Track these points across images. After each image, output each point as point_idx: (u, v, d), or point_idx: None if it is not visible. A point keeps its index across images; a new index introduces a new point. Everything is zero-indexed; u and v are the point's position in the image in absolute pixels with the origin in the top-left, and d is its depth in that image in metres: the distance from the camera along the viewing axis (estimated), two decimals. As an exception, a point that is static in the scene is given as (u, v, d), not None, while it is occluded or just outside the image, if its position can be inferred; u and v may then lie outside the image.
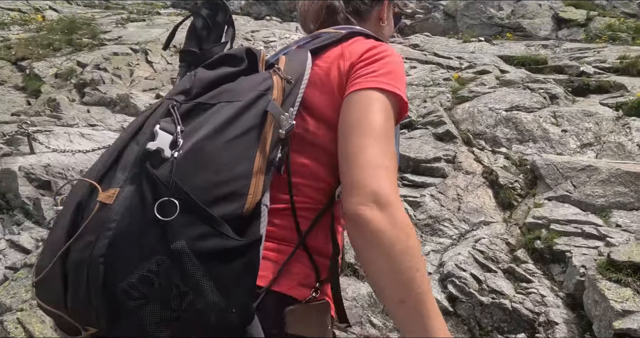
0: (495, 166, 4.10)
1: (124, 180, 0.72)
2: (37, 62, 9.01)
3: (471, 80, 6.61)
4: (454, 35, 12.82)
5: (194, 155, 0.73)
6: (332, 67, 0.94)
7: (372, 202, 0.76)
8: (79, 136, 5.11)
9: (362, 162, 0.80)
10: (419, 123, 4.99)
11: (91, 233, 0.69)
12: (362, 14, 1.13)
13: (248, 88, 0.83)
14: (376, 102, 0.86)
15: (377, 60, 0.91)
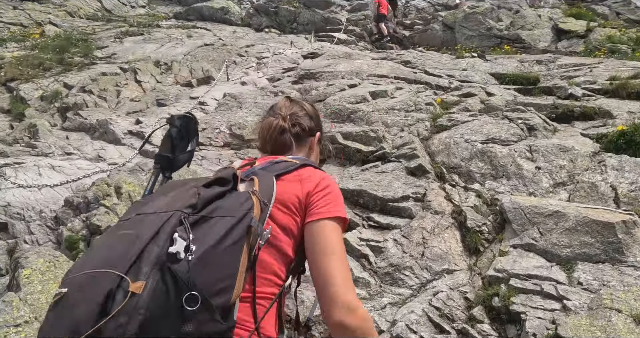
0: (465, 205, 3.95)
1: (148, 275, 0.90)
2: (24, 83, 9.01)
3: (455, 103, 6.47)
4: (447, 51, 12.68)
5: (203, 258, 0.95)
6: (293, 192, 1.23)
7: (347, 310, 1.09)
8: (49, 169, 5.04)
9: (335, 281, 1.12)
10: (392, 155, 4.85)
11: (124, 316, 0.84)
12: (300, 139, 1.49)
13: (235, 206, 1.08)
14: (334, 230, 1.20)
15: (327, 193, 1.25)
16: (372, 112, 6.51)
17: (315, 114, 1.60)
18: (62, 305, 0.89)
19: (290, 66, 11.38)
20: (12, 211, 4.09)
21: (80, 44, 13.74)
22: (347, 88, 8.12)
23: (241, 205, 1.08)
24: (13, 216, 4.02)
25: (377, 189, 4.17)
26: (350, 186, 4.27)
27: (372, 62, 10.28)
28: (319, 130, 1.57)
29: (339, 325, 1.10)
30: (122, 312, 0.85)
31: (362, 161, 5.03)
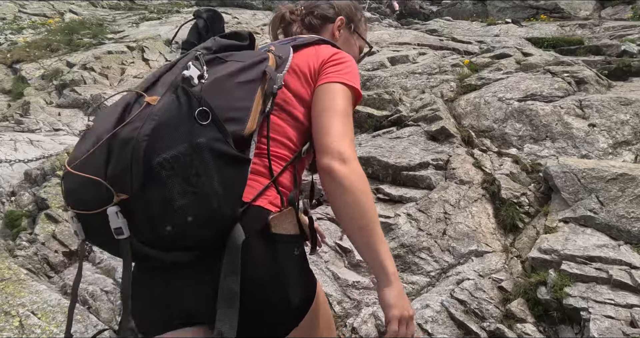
0: (499, 173, 3.16)
1: (163, 93, 0.95)
2: (27, 64, 8.66)
3: (486, 65, 5.58)
4: (478, 18, 11.61)
5: (215, 85, 0.99)
6: (308, 60, 1.21)
7: (338, 159, 1.06)
8: (26, 143, 4.55)
9: (331, 132, 1.10)
10: (410, 119, 4.08)
11: (139, 121, 0.89)
12: (314, 28, 1.43)
13: (252, 55, 1.10)
14: (340, 92, 1.17)
15: (341, 63, 1.21)
16: (389, 77, 5.71)
17: (344, 4, 1.47)
18: (89, 128, 0.98)
19: (307, 41, 10.67)
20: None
21: (93, 27, 13.40)
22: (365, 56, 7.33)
23: (258, 56, 1.09)
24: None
25: (390, 155, 3.42)
26: (358, 153, 3.54)
27: (394, 32, 9.41)
28: (344, 15, 1.45)
29: (327, 170, 1.06)
30: (137, 117, 0.89)
31: (374, 128, 4.28)
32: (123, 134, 0.88)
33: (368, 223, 1.05)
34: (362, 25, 1.54)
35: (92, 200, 0.88)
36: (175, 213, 0.87)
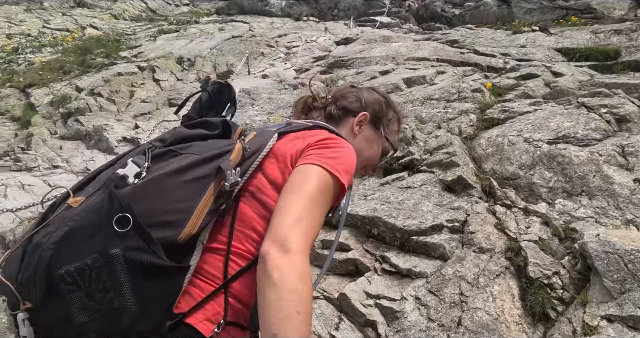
0: (525, 239, 2.69)
1: (92, 193, 0.91)
2: (38, 89, 8.58)
3: (511, 88, 5.08)
4: (503, 26, 10.96)
5: (150, 185, 0.91)
6: (291, 145, 1.07)
7: (279, 246, 0.88)
8: (17, 188, 4.32)
9: (285, 214, 0.93)
10: (423, 163, 3.63)
11: (54, 225, 0.86)
12: (334, 118, 1.30)
13: (213, 147, 1.01)
14: (315, 175, 0.99)
15: (329, 147, 1.05)
16: (404, 103, 5.27)
17: (373, 100, 1.33)
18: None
19: (321, 54, 10.27)
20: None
21: (109, 44, 13.40)
22: (379, 75, 6.89)
23: (219, 148, 1.00)
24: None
25: (398, 215, 2.99)
26: (361, 210, 3.13)
27: (412, 44, 8.92)
28: (369, 112, 1.31)
29: (262, 256, 0.89)
30: (53, 221, 0.87)
31: (384, 170, 3.86)
32: (36, 239, 0.86)
33: (286, 333, 0.81)
34: (391, 125, 1.36)
35: (9, 300, 0.86)
36: (76, 330, 0.81)
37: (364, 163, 1.30)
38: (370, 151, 1.30)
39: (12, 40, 19.26)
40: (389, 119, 1.34)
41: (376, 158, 1.32)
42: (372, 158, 1.31)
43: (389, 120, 1.34)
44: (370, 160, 1.31)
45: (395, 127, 1.38)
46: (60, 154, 5.67)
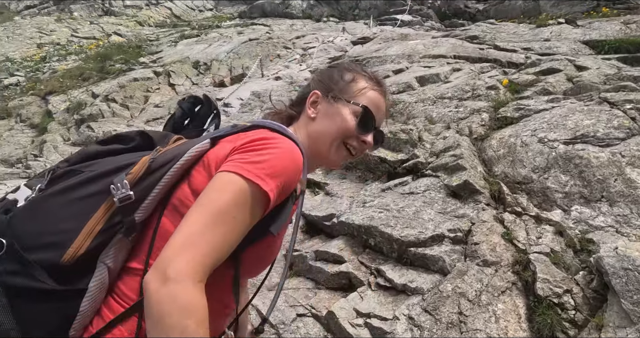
0: (536, 251, 2.43)
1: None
2: (57, 96, 8.74)
3: (529, 84, 4.75)
4: (526, 19, 10.48)
5: (36, 206, 0.88)
6: (220, 150, 0.95)
7: (160, 276, 0.77)
8: (21, 196, 4.34)
9: (177, 237, 0.82)
10: (428, 166, 3.39)
11: None
12: (293, 118, 1.15)
13: (118, 162, 0.93)
14: (228, 185, 0.86)
15: (255, 149, 0.91)
16: (415, 103, 5.02)
17: (322, 75, 1.15)
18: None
19: (337, 55, 10.08)
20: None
21: (130, 50, 13.60)
22: (392, 74, 6.64)
23: (121, 162, 0.93)
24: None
25: (395, 224, 2.77)
26: (357, 219, 2.92)
27: (430, 42, 8.61)
28: (319, 88, 1.12)
29: (144, 285, 0.80)
30: None
31: (388, 174, 3.63)
32: None
33: None
34: (350, 87, 1.10)
35: None
36: None
37: (338, 139, 1.06)
38: (336, 124, 1.06)
39: (42, 49, 19.91)
40: (346, 82, 1.11)
41: (349, 128, 1.06)
42: (343, 130, 1.06)
43: (347, 83, 1.11)
44: (345, 133, 1.06)
45: (361, 85, 1.11)
46: (70, 160, 5.71)
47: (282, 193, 0.91)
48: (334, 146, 1.05)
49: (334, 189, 3.66)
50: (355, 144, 1.07)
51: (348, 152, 1.08)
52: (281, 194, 0.90)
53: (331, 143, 1.06)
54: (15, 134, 7.43)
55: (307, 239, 3.24)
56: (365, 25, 16.57)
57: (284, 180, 0.89)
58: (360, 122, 1.06)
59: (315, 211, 3.33)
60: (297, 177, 0.92)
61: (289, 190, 0.93)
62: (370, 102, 1.08)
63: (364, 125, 1.06)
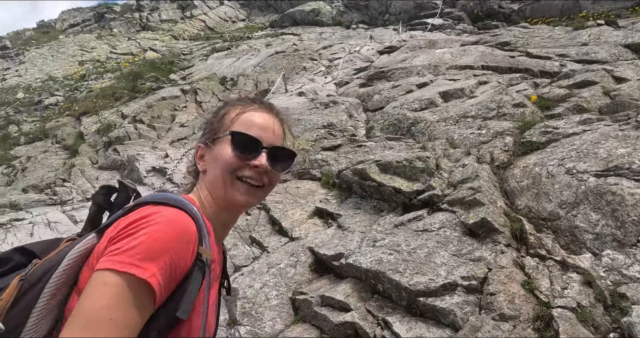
0: (560, 305, 2.18)
1: None
2: (89, 117, 9.01)
3: (561, 99, 4.42)
4: (563, 21, 9.92)
5: None
6: (102, 243, 0.85)
7: None
8: (44, 227, 4.40)
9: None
10: (444, 199, 3.17)
11: None
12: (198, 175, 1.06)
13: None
14: (100, 287, 0.77)
15: (129, 235, 0.81)
16: (437, 122, 4.79)
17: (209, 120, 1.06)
18: None
19: (363, 65, 9.89)
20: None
21: (162, 67, 13.93)
22: (415, 89, 6.40)
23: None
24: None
25: (405, 269, 2.57)
26: (365, 261, 2.74)
27: (458, 50, 8.28)
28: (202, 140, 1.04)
29: None
30: None
31: (403, 206, 3.43)
32: None
33: None
34: (222, 123, 1.01)
35: None
36: None
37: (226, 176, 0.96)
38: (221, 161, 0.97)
39: (82, 67, 20.79)
40: (218, 119, 1.02)
41: (227, 161, 0.96)
42: (224, 165, 0.96)
43: (219, 120, 1.02)
44: (228, 167, 0.96)
45: (232, 114, 1.01)
46: (95, 185, 5.80)
47: (175, 271, 0.81)
48: (227, 184, 0.96)
49: (347, 222, 3.50)
50: (247, 173, 0.97)
51: (247, 184, 0.97)
52: (173, 273, 0.80)
53: (223, 183, 0.97)
54: (49, 156, 7.69)
55: (315, 279, 3.09)
56: (395, 30, 16.29)
57: (169, 258, 0.79)
58: (234, 148, 0.96)
59: (325, 248, 3.18)
60: (189, 247, 0.83)
61: (185, 264, 0.82)
62: (241, 124, 0.98)
63: (240, 149, 0.96)
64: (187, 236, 0.83)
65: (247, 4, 29.69)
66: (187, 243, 0.82)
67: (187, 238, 0.82)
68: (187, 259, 0.82)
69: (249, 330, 2.69)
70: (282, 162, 0.99)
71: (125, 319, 0.76)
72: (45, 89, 15.15)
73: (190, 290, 0.84)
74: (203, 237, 0.87)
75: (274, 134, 0.99)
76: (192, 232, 0.84)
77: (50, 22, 32.60)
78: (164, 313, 0.81)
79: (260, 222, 3.98)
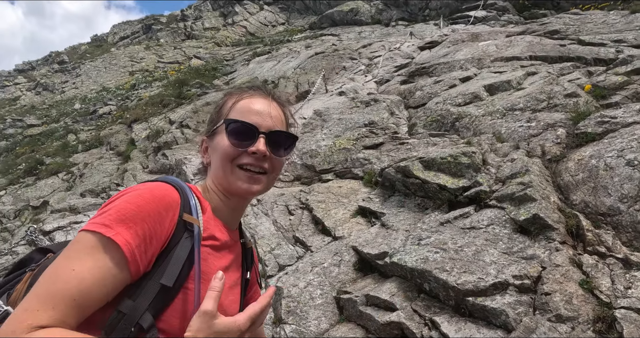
0: (624, 306, 2.03)
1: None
2: (139, 124, 9.41)
3: (618, 87, 4.14)
4: (619, 4, 9.31)
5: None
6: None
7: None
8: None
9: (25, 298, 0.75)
10: (492, 196, 3.04)
11: None
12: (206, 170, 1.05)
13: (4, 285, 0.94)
14: (71, 245, 0.79)
15: (109, 203, 0.82)
16: (482, 116, 4.62)
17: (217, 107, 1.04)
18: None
19: (404, 62, 9.73)
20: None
21: (206, 73, 14.33)
22: (458, 83, 6.22)
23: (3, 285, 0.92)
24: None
25: (452, 268, 2.49)
26: (410, 260, 2.68)
27: (503, 41, 7.97)
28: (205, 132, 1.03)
29: None
30: None
31: (448, 203, 3.33)
32: None
33: None
34: (220, 113, 1.01)
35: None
36: None
37: (226, 165, 0.95)
38: (220, 151, 0.95)
39: (133, 77, 21.78)
40: (217, 110, 1.02)
41: (225, 150, 0.94)
42: (222, 154, 0.95)
43: (217, 111, 1.01)
44: (226, 156, 0.95)
45: (228, 104, 0.99)
46: (145, 188, 6.05)
47: (153, 236, 0.79)
48: (227, 173, 0.95)
49: (390, 220, 3.44)
50: (246, 160, 0.95)
51: (248, 171, 0.95)
52: (151, 238, 0.79)
53: (224, 172, 0.96)
54: (104, 162, 8.09)
55: (359, 278, 3.05)
56: (436, 26, 15.94)
57: (142, 221, 0.78)
58: (229, 136, 0.94)
59: (368, 247, 3.13)
60: (168, 213, 0.82)
61: (164, 230, 0.81)
62: (237, 112, 0.97)
63: (236, 136, 0.94)
64: (165, 202, 0.82)
65: (286, 8, 30.03)
66: (165, 208, 0.81)
67: (165, 204, 0.82)
68: (166, 224, 0.81)
69: (295, 329, 2.69)
70: (283, 146, 0.97)
71: (90, 274, 0.74)
72: (99, 99, 15.98)
73: (176, 256, 0.82)
74: (191, 207, 0.87)
75: (272, 118, 0.96)
76: (171, 199, 0.83)
77: (103, 36, 34.36)
78: (150, 283, 0.79)
79: (303, 221, 3.99)
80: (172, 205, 0.83)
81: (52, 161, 9.03)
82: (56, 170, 8.25)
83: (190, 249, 0.83)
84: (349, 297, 2.79)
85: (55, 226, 4.79)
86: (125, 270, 0.77)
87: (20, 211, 6.49)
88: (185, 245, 0.83)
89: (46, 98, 23.13)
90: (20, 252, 4.36)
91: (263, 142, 0.94)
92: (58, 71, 27.88)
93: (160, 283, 0.79)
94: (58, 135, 12.06)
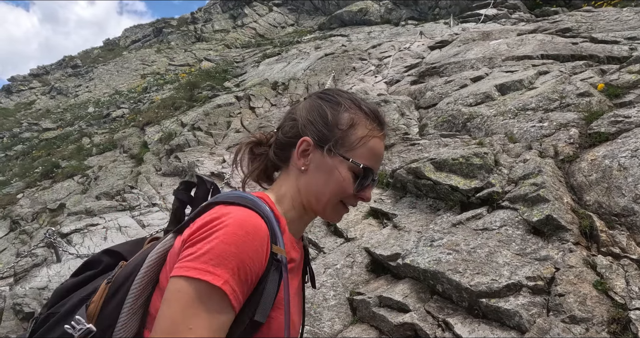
0: (638, 307, 2.03)
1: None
2: (152, 126, 9.53)
3: (632, 86, 4.11)
4: (631, 2, 9.19)
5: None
6: (177, 245, 0.87)
7: None
8: (116, 231, 4.71)
9: None
10: (505, 197, 3.04)
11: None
12: (277, 165, 1.02)
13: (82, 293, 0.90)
14: (176, 294, 0.78)
15: (201, 239, 0.80)
16: (494, 116, 4.61)
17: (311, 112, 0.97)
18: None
19: (414, 62, 9.71)
20: (46, 296, 3.74)
21: (217, 75, 14.45)
22: (469, 83, 6.20)
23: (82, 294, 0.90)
24: (43, 303, 3.66)
25: (465, 269, 2.50)
26: (423, 261, 2.70)
27: (515, 40, 7.92)
28: (310, 132, 0.95)
29: None
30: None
31: (461, 204, 3.34)
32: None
33: None
34: (348, 137, 0.94)
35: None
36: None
37: (335, 200, 0.95)
38: (332, 183, 0.93)
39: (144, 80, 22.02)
40: (343, 129, 0.94)
41: (346, 191, 0.94)
42: (340, 192, 0.94)
43: (344, 131, 0.94)
44: (342, 195, 0.94)
45: (360, 132, 0.94)
46: (159, 191, 6.12)
47: (249, 274, 0.79)
48: (329, 205, 0.95)
49: (402, 222, 3.45)
50: (352, 201, 0.98)
51: (344, 206, 0.98)
52: (248, 276, 0.79)
53: (326, 203, 0.95)
54: (117, 165, 8.21)
55: (372, 279, 3.08)
56: (446, 25, 15.86)
57: (241, 261, 0.78)
58: (360, 183, 0.94)
59: (381, 248, 3.16)
60: (262, 248, 0.81)
61: (259, 266, 0.81)
62: (371, 154, 0.94)
63: (361, 182, 0.94)
64: (259, 237, 0.81)
65: (295, 9, 30.10)
66: (260, 244, 0.81)
67: (259, 240, 0.81)
68: (261, 260, 0.81)
69: (309, 330, 2.72)
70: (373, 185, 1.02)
71: (204, 326, 0.76)
72: (112, 103, 16.20)
73: (268, 291, 0.83)
74: (276, 236, 0.86)
75: (380, 163, 1.01)
76: (263, 232, 0.82)
77: (115, 40, 34.78)
78: (243, 318, 0.81)
79: (315, 223, 4.02)
80: (264, 240, 0.82)
81: (68, 164, 9.19)
82: (72, 173, 8.40)
83: (279, 280, 0.85)
84: (362, 298, 2.81)
85: (72, 228, 4.90)
86: (231, 315, 0.79)
87: (38, 214, 6.63)
88: (275, 278, 0.84)
89: (60, 102, 23.49)
90: (40, 254, 4.47)
91: (370, 190, 0.97)
92: (72, 75, 28.29)
93: (255, 321, 0.81)
94: (73, 139, 12.26)
